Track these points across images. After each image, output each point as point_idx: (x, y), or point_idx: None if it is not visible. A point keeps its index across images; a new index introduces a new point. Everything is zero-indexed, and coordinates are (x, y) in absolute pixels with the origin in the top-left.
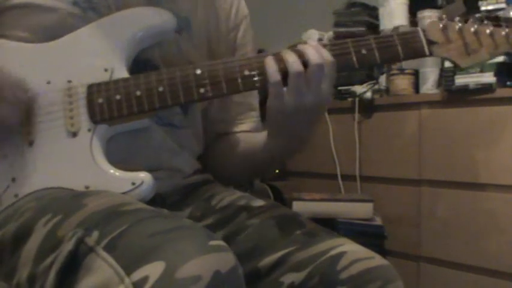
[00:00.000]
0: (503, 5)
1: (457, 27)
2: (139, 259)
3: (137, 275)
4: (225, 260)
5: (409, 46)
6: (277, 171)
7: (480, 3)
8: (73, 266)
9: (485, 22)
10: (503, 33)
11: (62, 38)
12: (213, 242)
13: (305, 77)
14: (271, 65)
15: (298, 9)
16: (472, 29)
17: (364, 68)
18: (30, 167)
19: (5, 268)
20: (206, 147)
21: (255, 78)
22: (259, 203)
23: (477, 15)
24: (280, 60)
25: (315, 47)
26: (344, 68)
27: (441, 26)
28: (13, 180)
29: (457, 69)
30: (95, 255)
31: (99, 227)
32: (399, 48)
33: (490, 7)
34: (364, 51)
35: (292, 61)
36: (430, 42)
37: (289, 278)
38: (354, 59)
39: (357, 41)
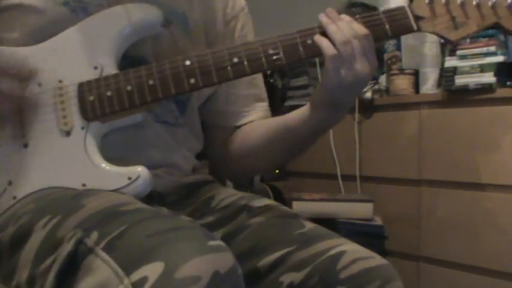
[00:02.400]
0: None
1: (443, 0)
2: (139, 259)
3: (136, 275)
4: (224, 260)
5: (397, 23)
6: (277, 171)
7: None
8: (72, 267)
9: None
10: (489, 3)
11: (50, 39)
12: (212, 242)
13: (350, 46)
14: (323, 40)
15: (299, 9)
16: (459, 1)
17: None
18: (26, 169)
19: (4, 270)
20: (213, 144)
21: (245, 66)
22: (259, 203)
23: None
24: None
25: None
26: None
27: (427, 0)
28: (9, 183)
29: (456, 69)
30: (94, 256)
31: (98, 227)
32: (387, 25)
33: None
34: None
35: (335, 31)
36: (417, 18)
37: (289, 277)
38: None
39: None
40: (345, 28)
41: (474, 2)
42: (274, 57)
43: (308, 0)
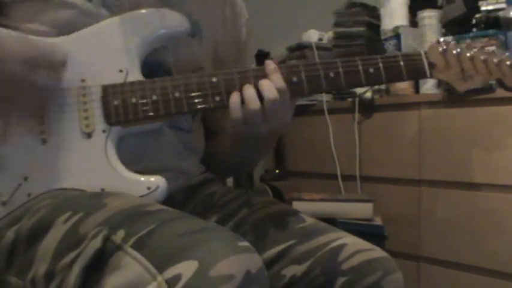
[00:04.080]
0: (503, 5)
1: (454, 51)
2: (171, 257)
3: (170, 272)
4: (254, 260)
5: (412, 67)
6: (277, 171)
7: (480, 3)
8: (98, 263)
9: (480, 47)
10: (495, 60)
11: (74, 34)
12: (241, 243)
13: (261, 112)
14: (234, 98)
15: (298, 9)
16: (468, 54)
17: (370, 85)
18: (44, 166)
19: (18, 264)
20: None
21: None
22: (260, 199)
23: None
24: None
25: (272, 75)
26: (352, 85)
27: (440, 49)
28: (25, 179)
29: None
30: (122, 253)
31: (124, 225)
32: (403, 68)
33: (490, 7)
34: (371, 70)
35: (250, 98)
36: (431, 65)
37: (291, 270)
38: (362, 77)
39: (365, 59)
40: (263, 90)
41: (482, 57)
42: (296, 82)
43: (308, 0)
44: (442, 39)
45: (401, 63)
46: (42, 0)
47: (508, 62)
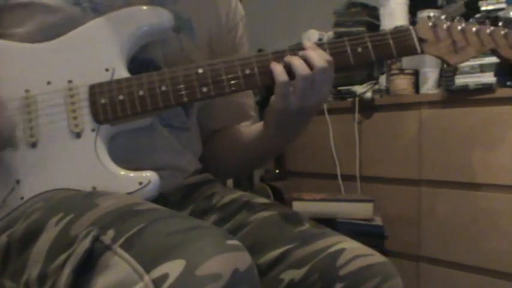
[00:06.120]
0: (503, 5)
1: (445, 25)
2: (159, 257)
3: (157, 272)
4: (242, 259)
5: (402, 44)
6: (277, 171)
7: (480, 3)
8: (88, 264)
9: (471, 21)
10: (488, 31)
11: (60, 38)
12: (230, 242)
13: (311, 80)
14: (277, 66)
15: (298, 9)
16: (459, 27)
17: (360, 66)
18: (35, 168)
19: (12, 267)
20: (204, 144)
21: (257, 77)
22: (259, 201)
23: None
24: (284, 62)
25: (316, 49)
26: (341, 66)
27: (430, 24)
28: (17, 182)
29: (456, 69)
30: (111, 253)
31: (114, 225)
32: (392, 46)
33: (490, 7)
34: (359, 49)
35: (300, 65)
36: (421, 40)
37: (289, 274)
38: (351, 57)
39: (353, 39)
40: (312, 59)
41: (474, 29)
42: None
43: (308, 0)
44: (432, 14)
45: (390, 40)
46: (30, 5)
47: (502, 32)
